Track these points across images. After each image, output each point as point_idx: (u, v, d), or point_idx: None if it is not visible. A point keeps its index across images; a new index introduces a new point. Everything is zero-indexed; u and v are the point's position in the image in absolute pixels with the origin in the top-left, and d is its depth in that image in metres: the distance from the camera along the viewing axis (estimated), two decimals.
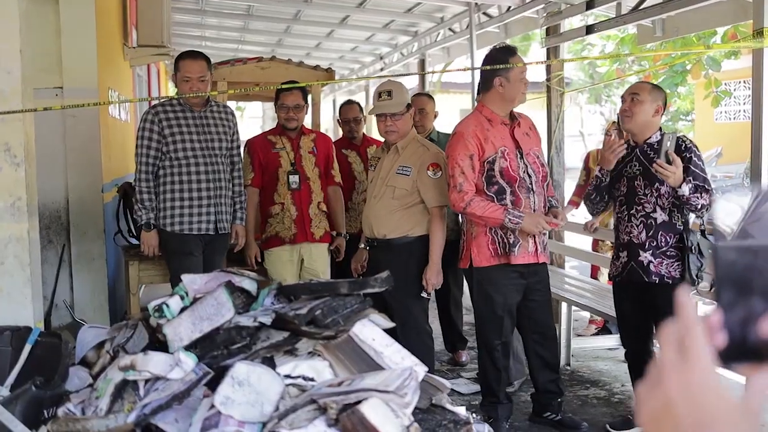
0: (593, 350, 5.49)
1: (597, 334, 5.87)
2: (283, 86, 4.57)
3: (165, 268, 4.47)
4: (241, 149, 4.60)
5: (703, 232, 3.82)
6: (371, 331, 2.51)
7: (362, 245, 4.27)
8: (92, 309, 5.16)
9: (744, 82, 15.22)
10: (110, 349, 2.82)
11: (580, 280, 5.80)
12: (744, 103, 15.55)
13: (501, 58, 3.83)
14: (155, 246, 4.23)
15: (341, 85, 14.57)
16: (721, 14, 5.35)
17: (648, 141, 3.81)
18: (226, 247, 4.45)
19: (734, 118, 15.76)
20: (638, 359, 4.00)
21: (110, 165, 5.70)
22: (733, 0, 5.06)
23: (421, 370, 2.44)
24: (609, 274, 4.13)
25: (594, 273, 6.10)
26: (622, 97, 3.91)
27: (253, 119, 27.62)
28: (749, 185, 7.88)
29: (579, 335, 5.76)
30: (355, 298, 2.59)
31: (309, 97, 5.01)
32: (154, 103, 4.37)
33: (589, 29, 5.97)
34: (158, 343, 2.64)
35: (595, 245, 5.96)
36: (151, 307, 2.61)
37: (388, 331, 2.55)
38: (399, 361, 2.50)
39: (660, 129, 3.88)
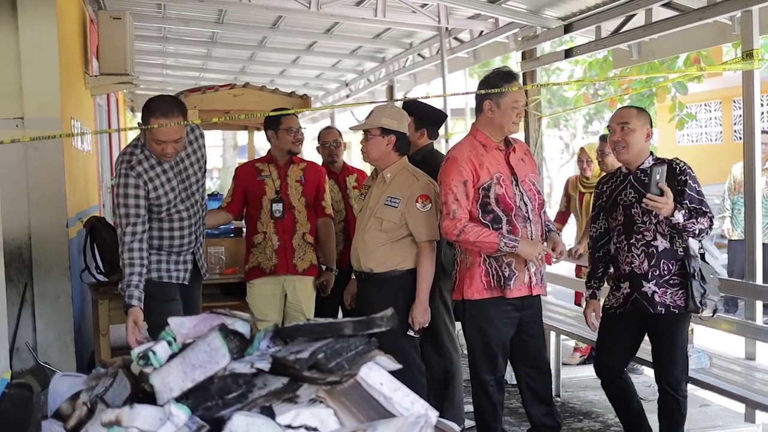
0: (581, 380, 5.36)
1: (583, 362, 5.74)
2: (274, 113, 4.42)
3: None
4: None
5: (702, 256, 3.72)
6: (378, 375, 2.33)
7: (354, 276, 4.08)
8: (57, 351, 4.86)
9: (705, 105, 15.46)
10: (87, 401, 2.58)
11: (565, 308, 5.68)
12: (706, 126, 15.79)
13: (494, 82, 3.67)
14: (140, 326, 3.59)
15: (304, 112, 14.42)
16: (698, 38, 5.33)
17: (641, 167, 3.71)
18: (200, 282, 4.21)
19: (696, 141, 15.98)
20: (614, 387, 3.92)
21: (74, 198, 5.43)
22: (711, 23, 5.03)
23: (433, 414, 2.26)
24: (607, 305, 3.90)
25: (577, 299, 5.99)
26: (610, 127, 3.77)
27: (213, 148, 27.25)
28: (729, 205, 7.90)
29: (564, 364, 5.63)
30: (360, 339, 2.40)
31: None
32: (128, 158, 3.72)
33: (568, 53, 5.91)
34: (141, 394, 2.42)
35: (579, 271, 5.86)
36: (135, 354, 2.38)
37: None
38: (409, 406, 2.31)
39: (652, 154, 3.78)
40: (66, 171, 5.05)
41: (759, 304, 4.32)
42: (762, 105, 13.62)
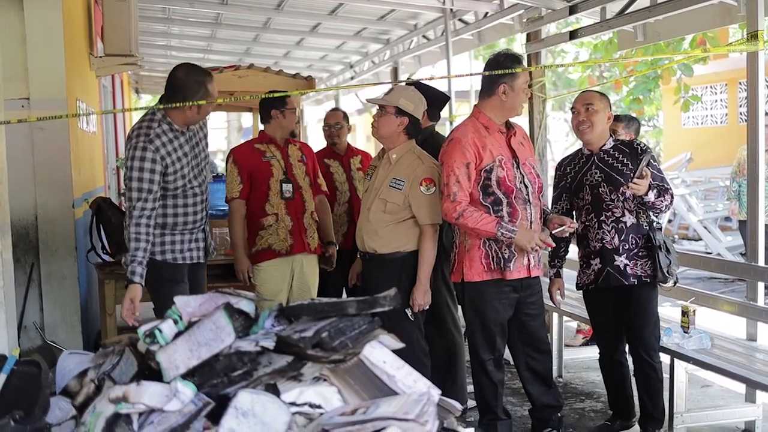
0: (583, 361, 5.39)
1: (586, 344, 5.77)
2: (278, 93, 4.40)
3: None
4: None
5: (659, 230, 3.97)
6: (381, 353, 2.36)
7: (359, 256, 4.11)
8: (64, 330, 4.92)
9: (711, 87, 15.39)
10: (95, 378, 2.62)
11: (567, 289, 5.68)
12: (711, 108, 15.72)
13: (507, 64, 3.69)
14: (137, 305, 3.52)
15: (308, 94, 14.38)
16: (704, 19, 5.31)
17: (603, 148, 3.94)
18: (205, 263, 4.24)
19: (702, 123, 15.93)
20: (612, 363, 4.12)
21: (80, 179, 5.46)
22: (717, 4, 5.01)
23: (436, 393, 2.29)
24: (578, 283, 4.13)
25: None
26: (574, 108, 3.98)
27: (217, 130, 27.16)
28: (735, 187, 7.90)
29: (567, 345, 5.66)
30: (363, 318, 2.43)
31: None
32: (146, 131, 3.61)
33: (573, 35, 5.90)
34: (148, 371, 2.45)
35: None
36: (142, 332, 2.41)
37: None
38: (411, 384, 2.34)
39: (611, 136, 3.99)
40: (72, 152, 5.08)
41: (761, 286, 4.35)
42: (767, 87, 13.56)
